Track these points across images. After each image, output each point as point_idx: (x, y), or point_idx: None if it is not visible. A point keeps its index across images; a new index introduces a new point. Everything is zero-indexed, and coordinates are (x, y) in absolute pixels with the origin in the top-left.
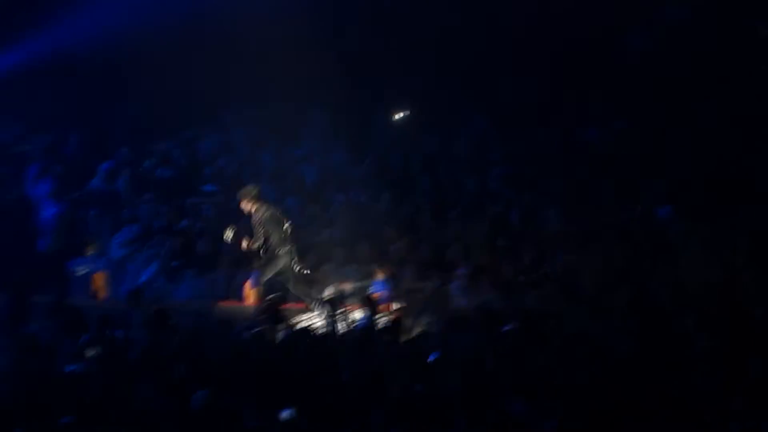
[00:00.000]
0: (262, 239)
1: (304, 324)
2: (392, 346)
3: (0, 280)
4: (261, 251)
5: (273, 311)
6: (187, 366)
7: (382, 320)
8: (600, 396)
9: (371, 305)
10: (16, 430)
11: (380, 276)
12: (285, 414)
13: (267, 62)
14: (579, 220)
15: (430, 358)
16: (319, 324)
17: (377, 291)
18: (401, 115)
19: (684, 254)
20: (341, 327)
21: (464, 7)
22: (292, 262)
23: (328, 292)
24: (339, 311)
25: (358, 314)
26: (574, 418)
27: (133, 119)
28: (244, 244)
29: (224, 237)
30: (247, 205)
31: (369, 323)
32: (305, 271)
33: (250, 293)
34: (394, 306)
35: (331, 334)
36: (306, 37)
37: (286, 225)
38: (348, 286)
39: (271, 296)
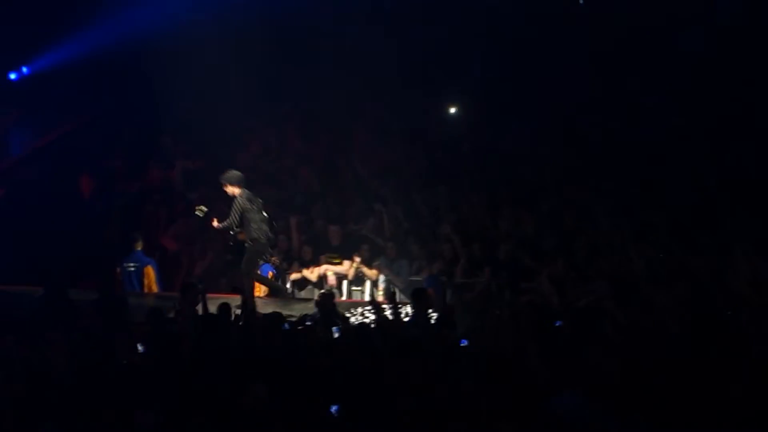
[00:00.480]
0: (238, 224)
1: (357, 320)
2: (444, 341)
3: (44, 275)
4: (234, 236)
5: (328, 306)
6: (242, 361)
7: (434, 315)
8: (652, 392)
9: (423, 300)
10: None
11: (431, 271)
12: (334, 410)
13: (317, 57)
14: (631, 217)
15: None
16: (371, 320)
17: (429, 286)
18: (454, 109)
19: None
20: (394, 322)
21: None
22: (267, 251)
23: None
24: (391, 306)
25: (409, 309)
26: (627, 413)
27: (184, 114)
28: (215, 222)
29: (195, 212)
30: (229, 189)
31: (421, 318)
32: (278, 261)
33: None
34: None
35: (383, 329)
36: (357, 31)
37: (265, 214)
38: (399, 282)
39: (323, 291)
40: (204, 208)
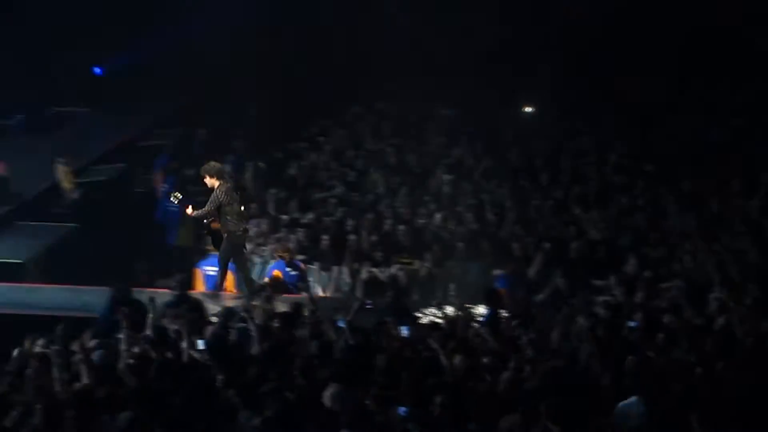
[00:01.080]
0: (215, 215)
1: (428, 319)
2: (514, 341)
3: (115, 275)
4: (207, 224)
5: (399, 306)
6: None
7: (505, 315)
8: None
9: (495, 301)
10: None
11: (503, 271)
12: (401, 411)
13: (394, 58)
14: (705, 217)
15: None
16: (442, 319)
17: (501, 286)
18: (529, 109)
19: None
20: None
21: (591, 4)
22: (245, 244)
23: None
24: (463, 307)
25: (482, 309)
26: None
27: (258, 115)
28: (189, 210)
29: (171, 198)
30: (208, 181)
31: (493, 318)
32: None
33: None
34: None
35: (450, 330)
36: (433, 33)
37: (242, 207)
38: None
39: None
40: (179, 195)
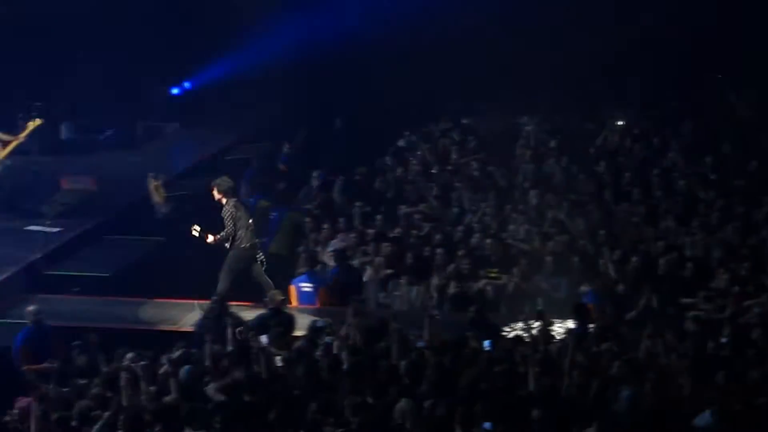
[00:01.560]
0: (229, 231)
1: (513, 334)
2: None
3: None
4: (227, 243)
5: (482, 321)
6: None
7: (594, 330)
8: None
9: (584, 315)
10: None
11: (591, 287)
12: (487, 426)
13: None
14: None
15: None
16: (528, 334)
17: (589, 301)
18: (621, 122)
19: None
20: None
21: (677, 13)
22: (258, 256)
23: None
24: (543, 322)
25: (569, 324)
26: None
27: (347, 127)
28: (210, 237)
29: (192, 231)
30: (216, 195)
31: (582, 333)
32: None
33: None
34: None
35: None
36: (522, 43)
37: (251, 220)
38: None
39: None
40: (198, 228)
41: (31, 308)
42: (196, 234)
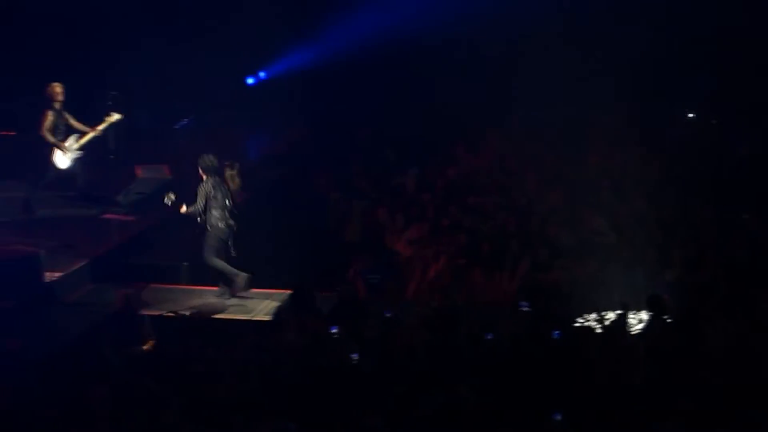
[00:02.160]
0: (201, 208)
1: (587, 325)
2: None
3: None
4: (198, 220)
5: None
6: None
7: (670, 322)
8: None
9: (659, 307)
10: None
11: (666, 278)
12: (557, 417)
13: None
14: None
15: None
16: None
17: (664, 293)
18: (692, 115)
19: None
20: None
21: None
22: (229, 240)
23: None
24: (624, 313)
25: (644, 315)
26: None
27: (424, 119)
28: (183, 208)
29: (164, 201)
30: (201, 172)
31: (656, 325)
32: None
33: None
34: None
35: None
36: (590, 38)
37: (228, 203)
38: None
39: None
40: (173, 196)
41: (121, 292)
42: (169, 203)
